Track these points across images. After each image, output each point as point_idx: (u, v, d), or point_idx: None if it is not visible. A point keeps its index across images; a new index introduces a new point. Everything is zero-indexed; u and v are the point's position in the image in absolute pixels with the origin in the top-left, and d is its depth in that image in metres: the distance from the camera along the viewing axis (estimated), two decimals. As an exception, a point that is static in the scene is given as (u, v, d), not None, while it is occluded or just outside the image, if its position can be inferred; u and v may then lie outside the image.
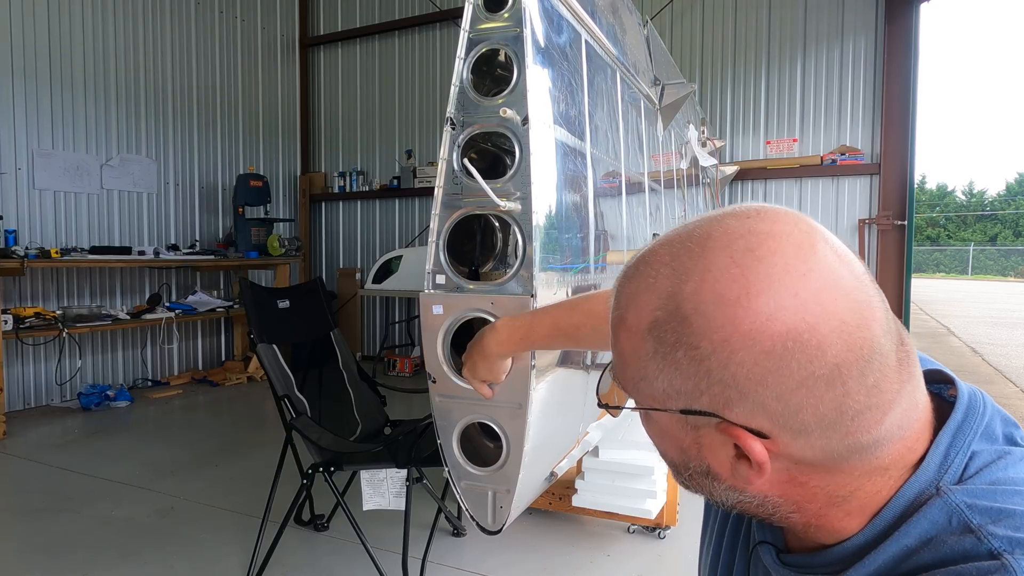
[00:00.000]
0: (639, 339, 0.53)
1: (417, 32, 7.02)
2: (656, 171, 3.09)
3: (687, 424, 0.54)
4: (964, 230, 39.89)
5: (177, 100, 6.21)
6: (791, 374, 0.48)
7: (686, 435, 0.55)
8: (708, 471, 0.55)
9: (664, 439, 0.58)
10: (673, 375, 0.52)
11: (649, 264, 0.54)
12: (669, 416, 0.54)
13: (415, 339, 6.80)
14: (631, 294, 0.55)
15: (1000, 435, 0.56)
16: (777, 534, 0.64)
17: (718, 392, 0.50)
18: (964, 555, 0.48)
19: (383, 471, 2.28)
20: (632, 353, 0.54)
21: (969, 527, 0.49)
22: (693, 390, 0.51)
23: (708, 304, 0.49)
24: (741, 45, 5.75)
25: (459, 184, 1.38)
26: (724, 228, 0.51)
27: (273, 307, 2.69)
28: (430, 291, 1.41)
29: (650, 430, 0.59)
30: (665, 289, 0.52)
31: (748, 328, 0.48)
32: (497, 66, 1.42)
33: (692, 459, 0.56)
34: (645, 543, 2.75)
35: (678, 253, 0.52)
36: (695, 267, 0.51)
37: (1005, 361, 7.95)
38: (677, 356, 0.51)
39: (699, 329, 0.49)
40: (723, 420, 0.51)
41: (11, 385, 4.89)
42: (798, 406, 0.48)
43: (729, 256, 0.50)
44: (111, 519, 2.99)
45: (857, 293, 0.49)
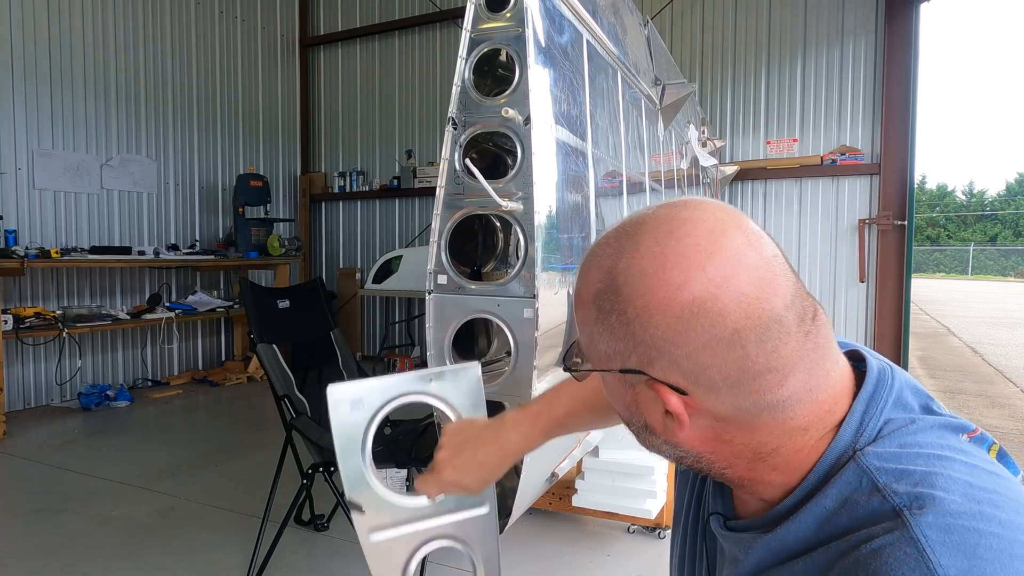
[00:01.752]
0: (587, 308, 0.62)
1: (417, 32, 7.02)
2: (657, 171, 3.09)
3: (625, 382, 0.63)
4: (964, 230, 39.89)
5: (177, 100, 6.21)
6: (697, 336, 0.56)
7: (627, 392, 0.64)
8: (646, 425, 0.64)
9: (614, 398, 0.67)
10: (609, 338, 0.60)
11: (599, 245, 0.63)
12: (612, 376, 0.63)
13: (415, 339, 6.79)
14: (585, 270, 0.64)
15: (915, 406, 0.63)
16: (728, 504, 0.71)
17: (642, 352, 0.59)
18: (872, 515, 0.54)
19: (383, 471, 2.27)
20: (583, 321, 0.63)
21: (876, 487, 0.55)
22: (624, 350, 0.60)
23: (634, 276, 0.58)
24: (741, 45, 5.74)
25: (461, 184, 1.38)
26: (655, 215, 0.61)
27: (273, 307, 2.68)
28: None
29: (606, 392, 0.68)
30: (605, 265, 0.61)
31: (662, 296, 0.56)
32: (499, 66, 1.42)
33: (634, 415, 0.65)
34: (645, 543, 2.75)
35: (620, 235, 0.62)
36: (628, 246, 0.60)
37: (1005, 361, 7.95)
38: (611, 321, 0.60)
39: (626, 297, 0.58)
40: (649, 377, 0.59)
41: (11, 385, 4.89)
42: (705, 364, 0.56)
43: (653, 238, 0.59)
44: (111, 519, 2.98)
45: (761, 271, 0.57)
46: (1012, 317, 13.64)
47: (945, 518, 0.51)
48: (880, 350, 5.26)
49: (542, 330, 1.36)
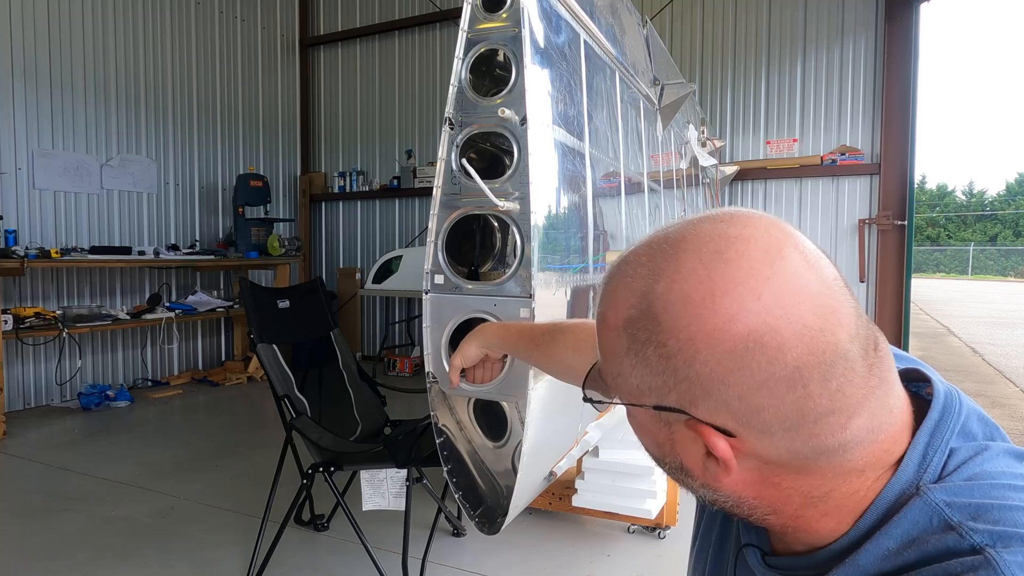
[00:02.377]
0: (615, 335, 0.55)
1: (417, 32, 7.02)
2: (656, 171, 3.09)
3: (660, 420, 0.55)
4: (964, 230, 39.86)
5: (177, 100, 6.21)
6: (752, 374, 0.49)
7: (660, 431, 0.57)
8: (682, 467, 0.57)
9: (642, 433, 0.60)
10: (644, 371, 0.53)
11: (629, 264, 0.56)
12: (644, 411, 0.56)
13: (415, 339, 6.80)
14: (611, 292, 0.57)
15: (979, 434, 0.57)
16: (763, 536, 0.64)
17: (684, 389, 0.52)
18: (948, 552, 0.49)
19: (383, 471, 2.28)
20: (610, 349, 0.56)
21: (950, 525, 0.50)
22: (662, 387, 0.53)
23: (676, 304, 0.51)
24: (741, 45, 5.74)
25: (458, 184, 1.38)
26: (697, 231, 0.53)
27: (273, 307, 2.69)
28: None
29: (632, 424, 0.61)
30: (639, 288, 0.53)
31: (711, 328, 0.49)
32: (496, 66, 1.42)
33: (667, 454, 0.58)
34: (645, 543, 2.75)
35: (654, 254, 0.54)
36: (667, 268, 0.52)
37: (1005, 361, 7.95)
38: (647, 353, 0.53)
39: (667, 327, 0.51)
40: (691, 417, 0.52)
41: (11, 385, 4.89)
42: (760, 406, 0.50)
43: (698, 258, 0.51)
44: (111, 519, 2.99)
45: (823, 298, 0.50)
46: (1012, 317, 13.63)
47: None
48: (880, 350, 5.30)
49: (539, 330, 1.36)
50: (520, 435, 1.43)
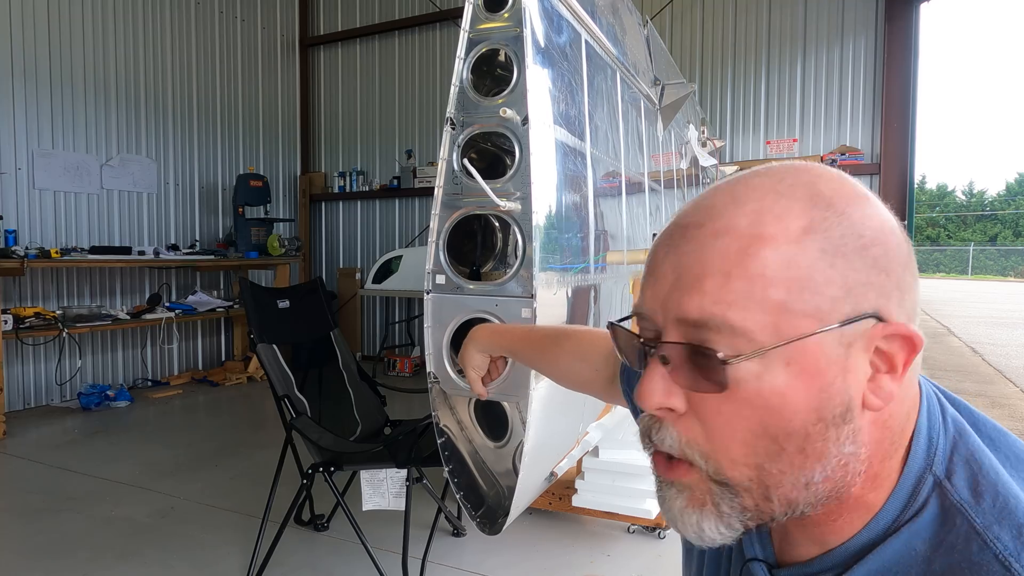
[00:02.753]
0: (793, 244, 0.49)
1: (417, 32, 7.02)
2: (656, 171, 3.09)
3: (840, 343, 0.49)
4: (964, 230, 39.87)
5: (177, 100, 6.21)
6: (909, 262, 0.52)
7: (834, 362, 0.49)
8: (847, 408, 0.50)
9: (796, 388, 0.49)
10: (848, 270, 0.49)
11: (755, 187, 0.52)
12: (819, 344, 0.48)
13: (415, 339, 6.79)
14: (755, 215, 0.50)
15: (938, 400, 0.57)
16: (768, 548, 0.62)
17: (881, 283, 0.50)
18: (976, 567, 0.48)
19: (383, 471, 2.28)
20: (782, 266, 0.48)
21: (975, 530, 0.49)
22: (864, 285, 0.49)
23: (853, 198, 0.51)
24: (741, 45, 5.74)
25: (459, 184, 1.38)
26: (786, 163, 0.55)
27: (273, 307, 2.68)
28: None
29: (755, 398, 0.49)
30: (805, 192, 0.51)
31: (884, 218, 0.52)
32: (497, 66, 1.42)
33: (834, 396, 0.49)
34: (645, 543, 2.75)
35: (780, 174, 0.53)
36: (810, 174, 0.52)
37: (1005, 361, 7.95)
38: (848, 249, 0.49)
39: (858, 220, 0.50)
40: (880, 321, 0.49)
41: (11, 385, 4.89)
42: (910, 286, 0.52)
43: (823, 169, 0.53)
44: (111, 519, 2.98)
45: None
46: (1012, 317, 13.64)
47: None
48: (880, 350, 5.30)
49: (540, 330, 1.36)
50: (521, 435, 1.43)
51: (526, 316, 1.34)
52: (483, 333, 1.19)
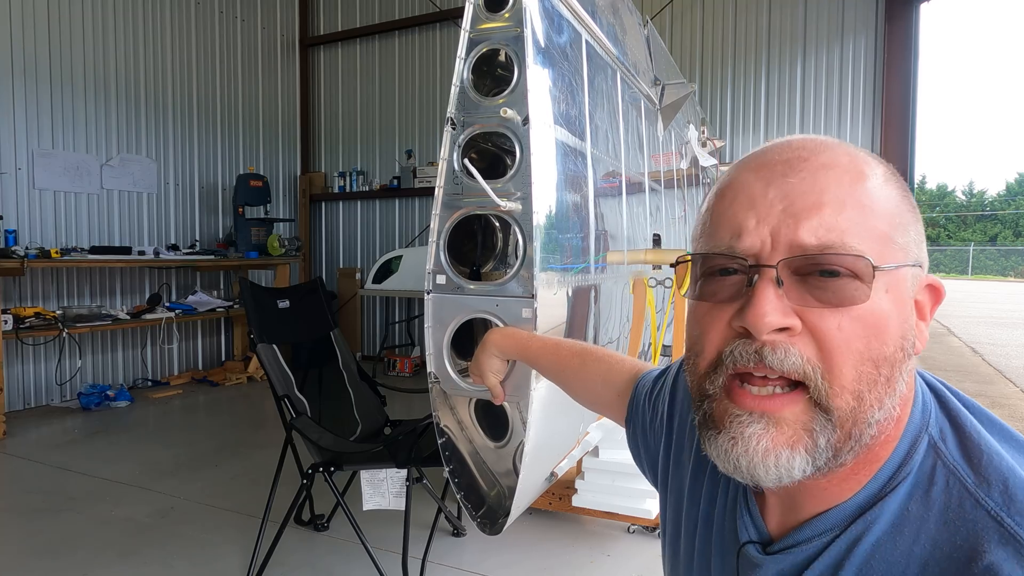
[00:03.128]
0: (885, 186, 0.55)
1: (417, 32, 7.02)
2: (656, 171, 3.09)
3: (911, 280, 0.55)
4: (964, 230, 39.87)
5: (177, 100, 6.21)
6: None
7: (910, 297, 0.55)
8: (912, 345, 0.55)
9: (892, 313, 0.53)
10: (915, 218, 0.56)
11: (828, 141, 0.58)
12: (904, 277, 0.54)
13: (415, 339, 6.79)
14: (851, 155, 0.56)
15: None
16: (762, 528, 0.63)
17: (922, 236, 0.57)
18: (969, 523, 0.50)
19: (383, 471, 2.28)
20: (885, 200, 0.54)
21: (967, 489, 0.52)
22: (920, 232, 0.56)
23: (889, 168, 0.58)
24: (741, 45, 5.74)
25: (459, 184, 1.38)
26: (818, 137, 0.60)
27: (273, 307, 2.68)
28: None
29: (870, 313, 0.52)
30: (852, 151, 0.57)
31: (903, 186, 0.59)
32: (497, 66, 1.42)
33: (908, 330, 0.55)
34: (645, 543, 2.75)
35: (818, 138, 0.58)
36: (837, 141, 0.58)
37: (1005, 361, 7.95)
38: (911, 198, 0.56)
39: (897, 177, 0.57)
40: (920, 267, 0.56)
41: (11, 385, 4.89)
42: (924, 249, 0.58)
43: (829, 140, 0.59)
44: (111, 519, 2.98)
45: None
46: (1012, 317, 13.64)
47: None
48: (880, 350, 5.27)
49: (541, 330, 1.36)
50: (522, 435, 1.43)
51: (526, 316, 1.34)
52: (498, 338, 1.17)
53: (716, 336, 0.56)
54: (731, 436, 0.54)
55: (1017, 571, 0.46)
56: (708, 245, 0.58)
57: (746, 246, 0.55)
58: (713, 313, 0.57)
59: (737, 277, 0.55)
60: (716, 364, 0.56)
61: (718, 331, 0.56)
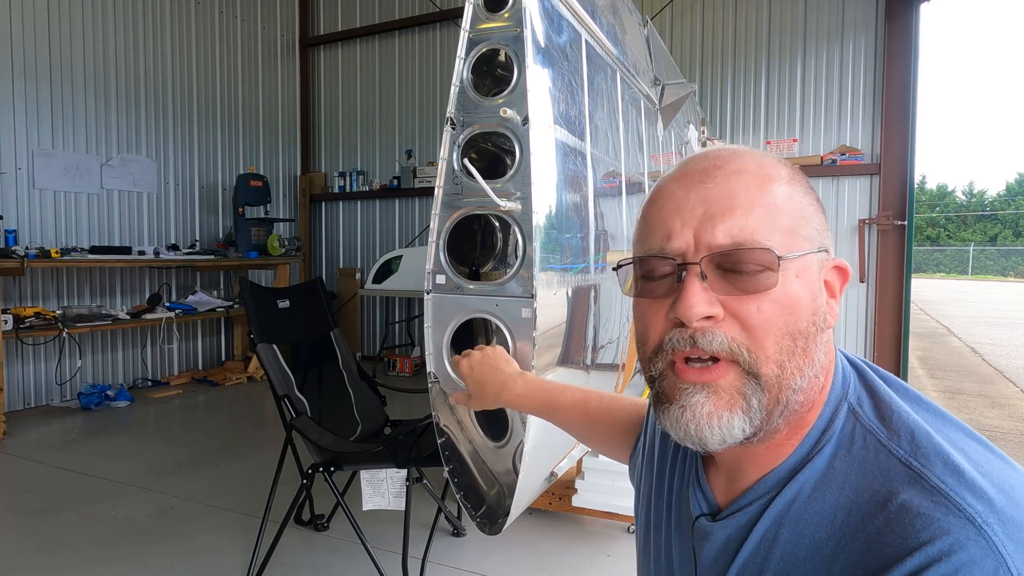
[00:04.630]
0: (789, 185, 0.64)
1: (417, 32, 7.02)
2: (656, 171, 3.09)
3: (818, 265, 0.64)
4: (964, 230, 39.86)
5: (177, 100, 6.21)
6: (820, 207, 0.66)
7: (817, 279, 0.64)
8: (823, 319, 0.64)
9: (801, 294, 0.62)
10: (815, 210, 0.65)
11: (738, 150, 0.67)
12: (810, 263, 0.63)
13: (415, 339, 6.79)
14: (758, 161, 0.65)
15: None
16: (711, 500, 0.71)
17: (825, 226, 0.65)
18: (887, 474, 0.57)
19: (383, 471, 2.28)
20: (787, 199, 0.63)
21: (880, 443, 0.59)
22: (821, 223, 0.65)
23: (792, 169, 0.67)
24: (741, 45, 5.74)
25: (459, 184, 1.38)
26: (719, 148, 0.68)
27: (273, 307, 2.68)
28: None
29: (782, 295, 0.61)
30: (774, 156, 0.66)
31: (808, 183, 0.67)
32: (497, 66, 1.42)
33: (819, 307, 0.64)
34: (645, 543, 2.75)
35: (725, 149, 0.67)
36: (744, 149, 0.67)
37: (1005, 361, 7.95)
38: (812, 193, 0.65)
39: (798, 176, 0.66)
40: (826, 252, 0.64)
41: (11, 385, 4.89)
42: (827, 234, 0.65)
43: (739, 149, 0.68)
44: (111, 519, 2.98)
45: None
46: (1012, 317, 13.64)
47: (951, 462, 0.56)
48: (880, 350, 5.18)
49: (540, 330, 1.36)
50: (521, 435, 1.43)
51: (526, 316, 1.34)
52: (520, 395, 1.11)
53: (657, 327, 0.65)
54: (680, 405, 0.63)
55: (925, 503, 0.53)
56: (643, 248, 0.67)
57: (674, 247, 0.64)
58: (653, 308, 0.66)
59: (669, 275, 0.64)
60: (658, 350, 0.65)
61: (658, 323, 0.65)
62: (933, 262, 35.71)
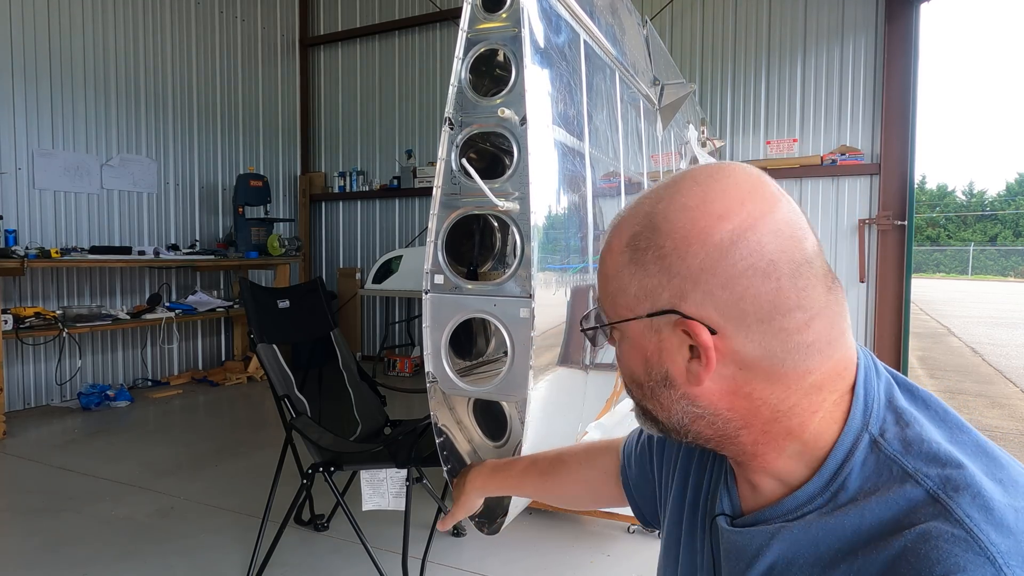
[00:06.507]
0: (618, 255, 0.65)
1: (417, 32, 7.02)
2: (656, 171, 3.09)
3: (652, 328, 0.63)
4: (964, 230, 39.85)
5: (177, 100, 6.21)
6: (734, 264, 0.58)
7: (650, 341, 0.64)
8: (666, 377, 0.64)
9: (631, 353, 0.67)
10: (643, 276, 0.62)
11: (634, 204, 0.67)
12: (638, 324, 0.64)
13: (415, 339, 6.80)
14: (617, 226, 0.67)
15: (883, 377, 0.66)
16: (735, 503, 0.71)
17: (677, 285, 0.60)
18: (909, 502, 0.56)
19: (383, 471, 2.28)
20: (613, 270, 0.66)
21: (906, 472, 0.57)
22: (657, 287, 0.61)
23: (674, 212, 0.61)
24: (741, 45, 5.74)
25: (457, 184, 1.38)
26: (693, 169, 0.65)
27: (273, 307, 2.69)
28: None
29: (620, 351, 0.69)
30: (643, 211, 0.64)
31: (703, 226, 0.59)
32: (496, 66, 1.42)
33: (653, 367, 0.65)
34: (645, 543, 2.75)
35: (656, 188, 0.65)
36: (667, 192, 0.63)
37: (1005, 361, 7.95)
38: (646, 259, 0.62)
39: (665, 232, 0.61)
40: (680, 316, 0.60)
41: (11, 385, 4.90)
42: (740, 295, 0.58)
43: (694, 180, 0.63)
44: (111, 519, 2.99)
45: (794, 216, 0.60)
46: (1012, 317, 13.63)
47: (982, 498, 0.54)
48: (880, 350, 5.19)
49: (538, 330, 1.36)
50: (520, 435, 1.43)
51: (524, 316, 1.34)
52: (481, 477, 1.16)
53: None
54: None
55: (945, 535, 0.52)
56: None
57: None
58: None
59: None
60: None
61: None
62: (933, 262, 35.71)
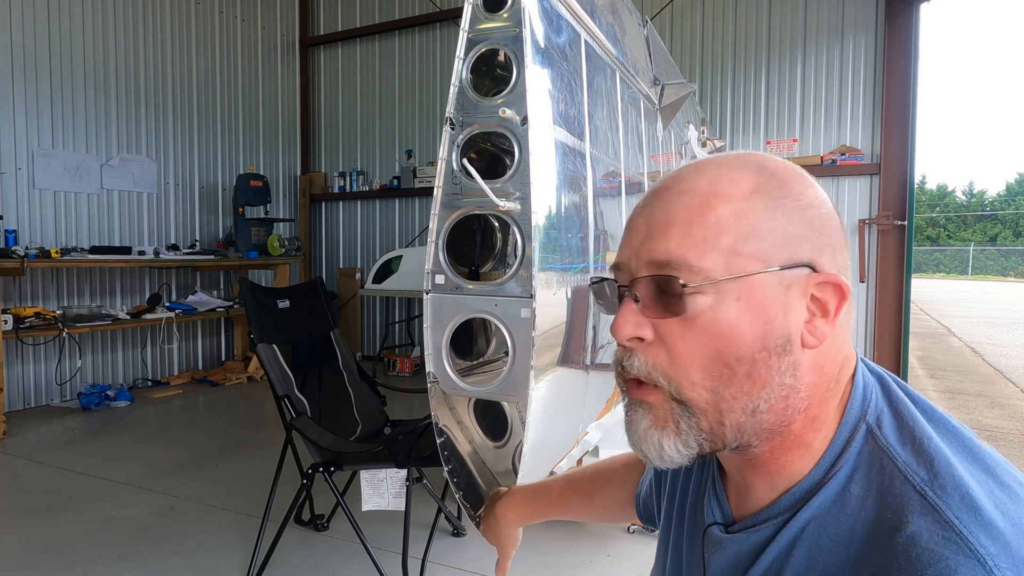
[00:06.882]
0: (742, 201, 0.59)
1: (417, 32, 7.02)
2: (656, 171, 3.09)
3: (781, 284, 0.59)
4: (964, 230, 39.85)
5: (177, 100, 6.21)
6: (839, 235, 0.62)
7: (776, 300, 0.59)
8: (788, 341, 0.59)
9: (746, 317, 0.58)
10: (785, 222, 0.59)
11: (714, 161, 0.64)
12: (763, 283, 0.58)
13: (415, 339, 6.79)
14: (713, 178, 0.61)
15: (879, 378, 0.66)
16: (726, 510, 0.70)
17: (815, 239, 0.60)
18: (899, 499, 0.55)
19: (383, 471, 2.28)
20: (733, 217, 0.59)
21: (897, 468, 0.57)
22: (800, 236, 0.59)
23: (792, 174, 0.62)
24: (741, 45, 5.74)
25: (458, 184, 1.38)
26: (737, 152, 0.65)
27: (273, 307, 2.69)
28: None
29: (717, 318, 0.58)
30: (753, 164, 0.62)
31: (821, 192, 0.63)
32: (496, 66, 1.42)
33: (777, 329, 0.59)
34: (645, 543, 2.75)
35: (735, 153, 0.65)
36: (758, 155, 0.64)
37: (1005, 361, 7.95)
38: (786, 204, 0.59)
39: (798, 188, 0.61)
40: (814, 271, 0.59)
41: (11, 385, 4.89)
42: (844, 263, 0.62)
43: (769, 155, 0.64)
44: (111, 519, 2.99)
45: None
46: (1012, 317, 13.63)
47: (974, 502, 0.53)
48: (880, 350, 5.18)
49: (539, 330, 1.36)
50: (521, 435, 1.43)
51: (525, 316, 1.34)
52: (515, 509, 1.10)
53: (616, 343, 0.66)
54: (628, 419, 0.65)
55: (935, 538, 0.51)
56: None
57: (619, 268, 0.65)
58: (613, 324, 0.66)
59: (617, 295, 0.65)
60: (617, 364, 0.66)
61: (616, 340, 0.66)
62: (933, 262, 35.72)
